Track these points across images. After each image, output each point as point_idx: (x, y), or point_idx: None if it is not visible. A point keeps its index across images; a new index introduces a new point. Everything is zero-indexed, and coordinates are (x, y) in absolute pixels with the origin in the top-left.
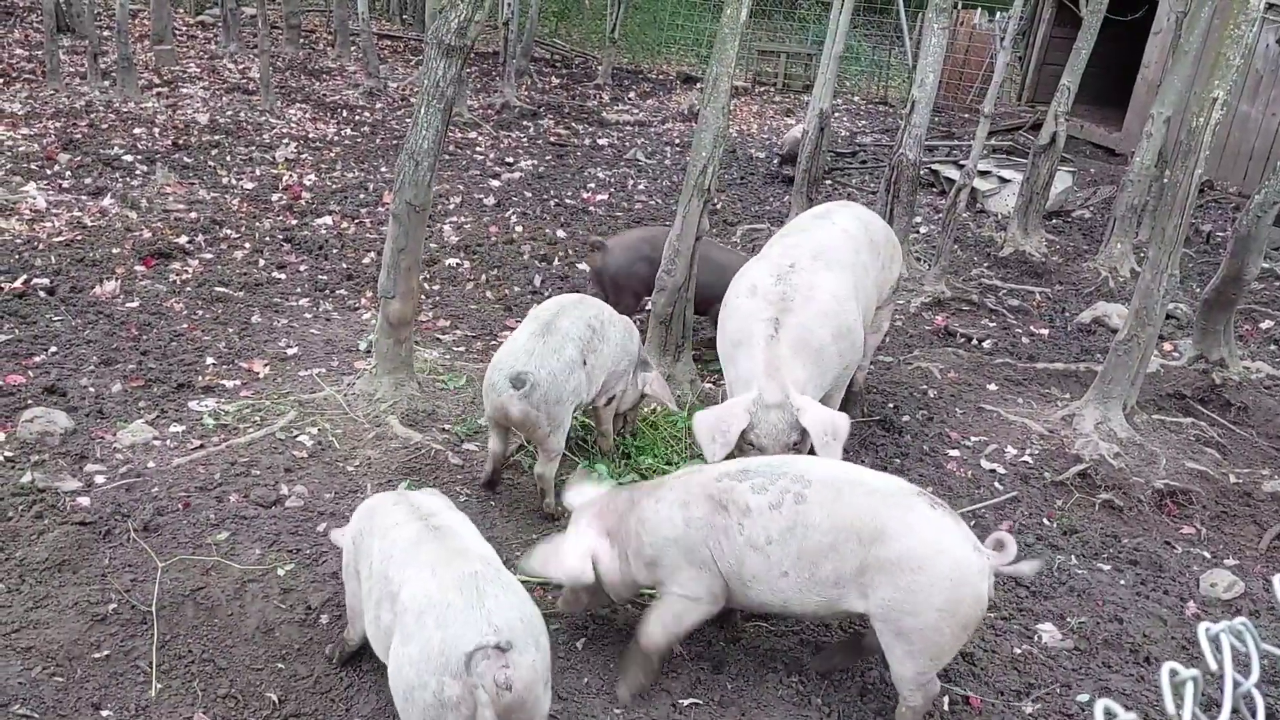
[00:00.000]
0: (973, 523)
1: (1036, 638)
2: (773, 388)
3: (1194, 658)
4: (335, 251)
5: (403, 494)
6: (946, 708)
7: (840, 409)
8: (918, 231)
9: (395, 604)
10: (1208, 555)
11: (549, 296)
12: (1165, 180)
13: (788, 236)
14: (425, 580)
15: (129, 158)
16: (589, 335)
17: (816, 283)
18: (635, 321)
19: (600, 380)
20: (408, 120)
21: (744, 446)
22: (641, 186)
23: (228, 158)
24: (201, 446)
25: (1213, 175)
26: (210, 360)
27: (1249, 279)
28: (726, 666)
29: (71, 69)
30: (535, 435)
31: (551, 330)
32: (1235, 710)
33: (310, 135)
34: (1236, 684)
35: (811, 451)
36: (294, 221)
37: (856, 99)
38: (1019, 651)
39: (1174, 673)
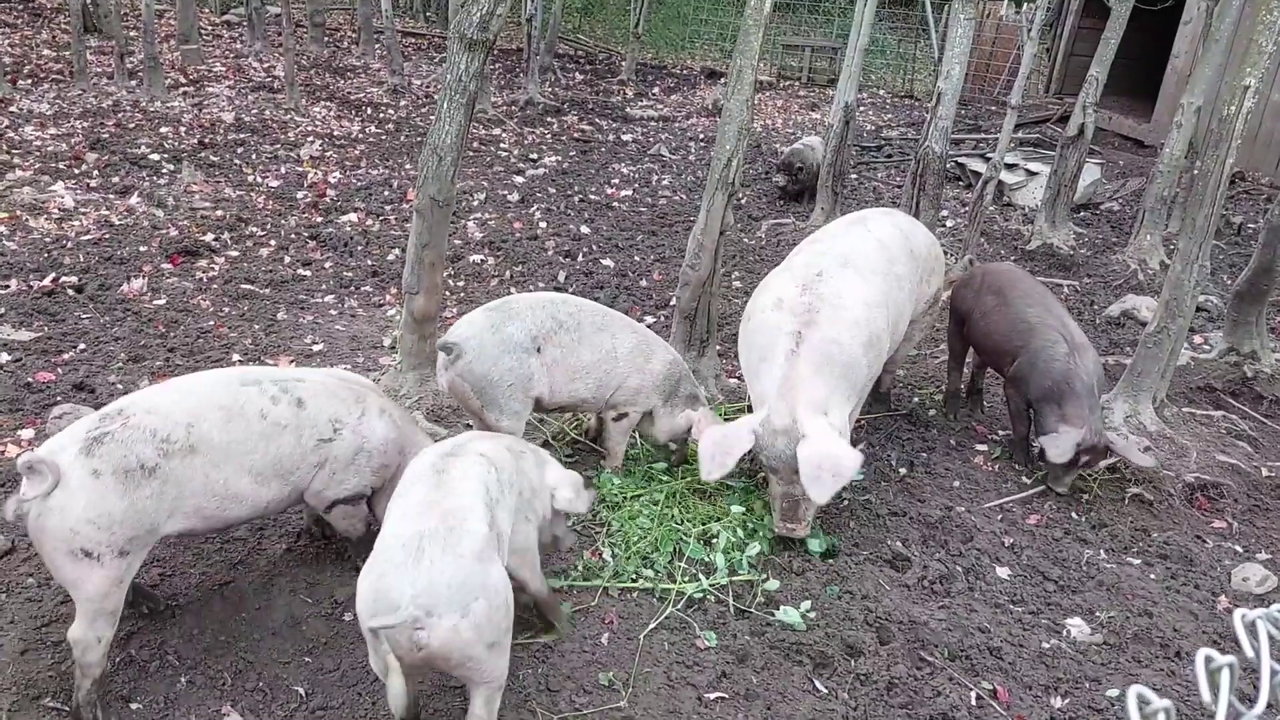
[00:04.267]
0: (1000, 517)
1: (1065, 632)
2: (782, 410)
3: (1226, 652)
4: (360, 248)
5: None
6: (974, 701)
7: (865, 408)
8: (944, 225)
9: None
10: (1239, 549)
11: (573, 293)
12: (1195, 171)
13: (817, 243)
14: (390, 528)
15: (156, 156)
16: (551, 326)
17: (845, 290)
18: (659, 320)
19: (583, 385)
20: (431, 117)
21: (760, 466)
22: (665, 182)
23: (253, 156)
24: None
25: (1244, 166)
26: (237, 357)
27: None
28: (751, 659)
29: (99, 69)
30: (469, 409)
31: (500, 308)
32: (1271, 705)
33: (335, 133)
34: (1274, 672)
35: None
36: (319, 219)
37: (882, 92)
38: (1047, 646)
39: (1209, 659)
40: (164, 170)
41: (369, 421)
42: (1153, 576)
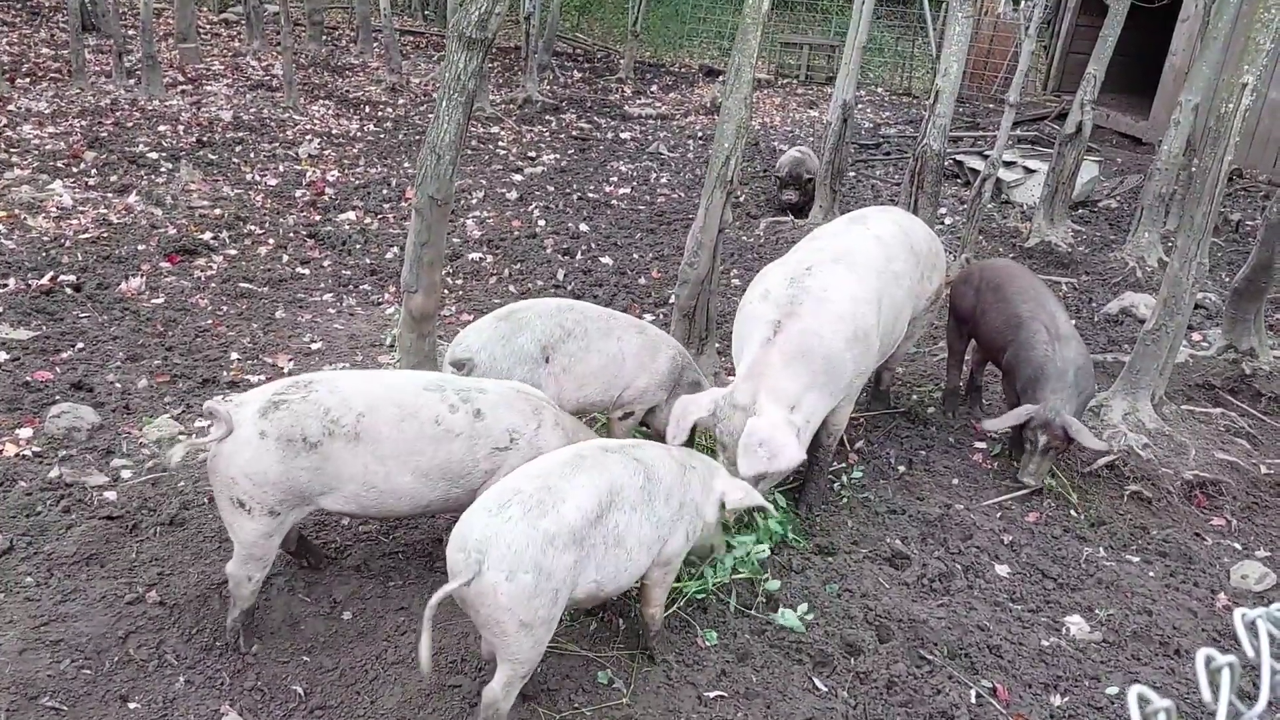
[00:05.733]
0: (999, 514)
1: (1064, 630)
2: (745, 389)
3: (1225, 650)
4: (358, 247)
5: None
6: (974, 699)
7: (863, 405)
8: (942, 223)
9: None
10: (1238, 547)
11: (571, 290)
12: (1193, 169)
13: (815, 240)
14: (506, 479)
15: (154, 155)
16: (559, 335)
17: (832, 284)
18: (658, 317)
19: (592, 390)
20: (430, 116)
21: (718, 441)
22: (664, 180)
23: (251, 154)
24: None
25: (1242, 163)
26: (235, 355)
27: (1279, 267)
28: (751, 658)
29: (97, 67)
30: None
31: (509, 318)
32: (1271, 703)
33: (333, 131)
34: (1274, 671)
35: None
36: (317, 217)
37: (880, 90)
38: (1046, 644)
39: (1210, 659)
40: (162, 169)
41: (544, 434)
42: (1152, 574)
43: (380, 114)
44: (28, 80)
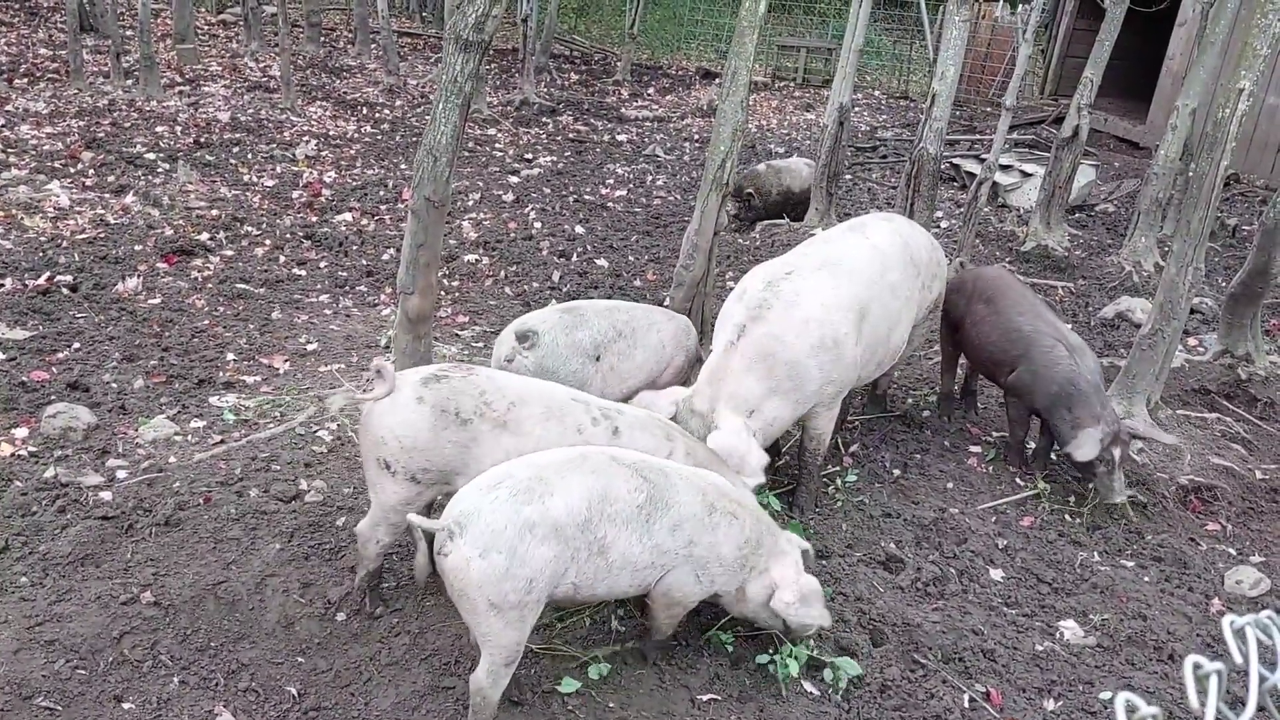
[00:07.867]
0: (994, 519)
1: (1059, 635)
2: (704, 395)
3: (1219, 655)
4: (355, 248)
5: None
6: (967, 704)
7: (858, 409)
8: (939, 226)
9: None
10: (1233, 552)
11: (567, 292)
12: (1190, 173)
13: (810, 244)
14: (505, 464)
15: (151, 156)
16: (612, 335)
17: (805, 290)
18: None
19: (636, 381)
20: (427, 117)
21: None
22: (660, 182)
23: (249, 155)
24: (222, 442)
25: (1238, 168)
26: (231, 356)
27: (1276, 272)
28: (745, 662)
29: (95, 68)
30: None
31: (571, 311)
32: (1262, 708)
33: (330, 133)
34: (1262, 678)
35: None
36: (314, 218)
37: (877, 93)
38: (1041, 648)
39: (1198, 666)
40: (160, 169)
41: (676, 459)
42: (1146, 579)
43: (377, 115)
44: (25, 80)
